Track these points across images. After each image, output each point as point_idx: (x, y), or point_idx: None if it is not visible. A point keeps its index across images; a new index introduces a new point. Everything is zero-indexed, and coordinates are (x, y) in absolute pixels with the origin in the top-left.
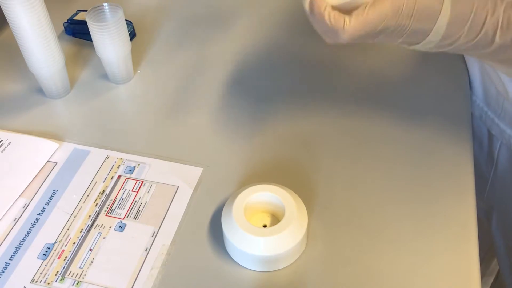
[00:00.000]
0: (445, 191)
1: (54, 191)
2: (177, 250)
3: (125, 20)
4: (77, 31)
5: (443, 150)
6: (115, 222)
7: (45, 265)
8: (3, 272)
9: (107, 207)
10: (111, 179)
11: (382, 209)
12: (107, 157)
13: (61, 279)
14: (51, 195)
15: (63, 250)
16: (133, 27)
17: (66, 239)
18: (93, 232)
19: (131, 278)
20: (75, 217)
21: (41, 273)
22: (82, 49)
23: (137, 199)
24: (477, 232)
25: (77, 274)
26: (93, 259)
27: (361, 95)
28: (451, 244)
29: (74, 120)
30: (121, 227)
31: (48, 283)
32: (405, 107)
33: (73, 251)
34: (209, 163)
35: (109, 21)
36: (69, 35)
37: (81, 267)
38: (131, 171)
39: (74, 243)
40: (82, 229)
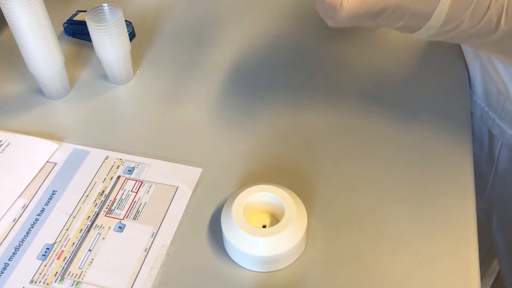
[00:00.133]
0: (445, 191)
1: (53, 191)
2: (177, 250)
3: (125, 20)
4: (76, 31)
5: (443, 150)
6: (114, 222)
7: (45, 266)
8: (3, 272)
9: (107, 208)
10: (111, 179)
11: (382, 209)
12: (107, 158)
13: (60, 280)
14: (51, 196)
15: (63, 250)
16: (133, 28)
17: (65, 240)
18: (93, 232)
19: (130, 278)
20: (74, 217)
21: (40, 274)
22: (81, 50)
23: (136, 199)
24: (477, 232)
25: (77, 274)
26: (93, 259)
27: (361, 95)
28: (451, 244)
29: (73, 120)
30: (121, 228)
31: (47, 284)
32: (405, 107)
33: (72, 252)
34: (209, 164)
35: (108, 21)
36: (69, 35)
37: (81, 267)
38: (130, 171)
39: (73, 243)
40: (81, 230)
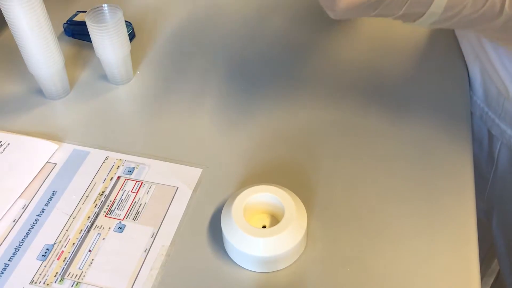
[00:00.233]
0: (445, 191)
1: (53, 192)
2: (177, 251)
3: (125, 21)
4: (76, 32)
5: (443, 150)
6: (114, 223)
7: (45, 266)
8: (3, 273)
9: (107, 208)
10: (111, 180)
11: (382, 210)
12: (107, 158)
13: (60, 280)
14: (51, 196)
15: (63, 251)
16: (133, 28)
17: (65, 240)
18: (93, 233)
19: (130, 279)
20: (74, 218)
21: (40, 274)
22: (81, 50)
23: (136, 200)
24: (477, 232)
25: (77, 275)
26: (93, 260)
27: (362, 95)
28: (451, 244)
29: (73, 121)
30: (121, 228)
31: (47, 284)
32: (405, 107)
33: (72, 252)
34: (209, 164)
35: (108, 22)
36: (69, 36)
37: (81, 268)
38: (130, 172)
39: (73, 244)
40: (81, 230)
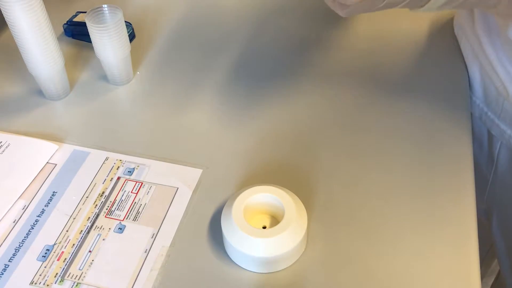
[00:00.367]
0: (445, 191)
1: (53, 192)
2: (177, 251)
3: (125, 21)
4: (76, 32)
5: (443, 150)
6: (114, 223)
7: (45, 267)
8: (3, 273)
9: (107, 209)
10: (111, 180)
11: (382, 210)
12: (107, 159)
13: (60, 281)
14: (51, 197)
15: (63, 251)
16: (133, 29)
17: (65, 241)
18: (93, 233)
19: (130, 279)
20: (74, 218)
21: (40, 275)
22: (81, 51)
23: (136, 200)
24: (477, 232)
25: (77, 275)
26: (93, 260)
27: (361, 95)
28: (451, 244)
29: (73, 121)
30: (121, 229)
31: (47, 285)
32: (405, 107)
33: (72, 253)
34: (209, 165)
35: (108, 22)
36: (69, 36)
37: (81, 268)
38: (130, 172)
39: (73, 244)
40: (81, 231)
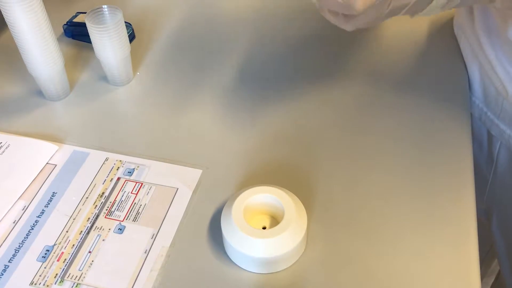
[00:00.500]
0: (445, 191)
1: (53, 193)
2: (177, 252)
3: (125, 22)
4: (76, 33)
5: (443, 150)
6: (114, 224)
7: (44, 268)
8: (2, 274)
9: (107, 209)
10: (111, 181)
11: (382, 210)
12: (107, 159)
13: (60, 282)
14: (50, 198)
15: (62, 252)
16: (133, 29)
17: (65, 242)
18: (93, 234)
19: (130, 280)
20: (74, 219)
21: (40, 276)
22: (81, 51)
23: (136, 201)
24: (477, 232)
25: (76, 276)
26: (92, 261)
27: (361, 96)
28: (451, 244)
29: (73, 122)
30: (121, 229)
31: (47, 286)
32: (404, 108)
33: (72, 254)
34: (209, 165)
35: (108, 23)
36: (69, 37)
37: (81, 269)
38: (130, 173)
39: (73, 245)
40: (81, 231)
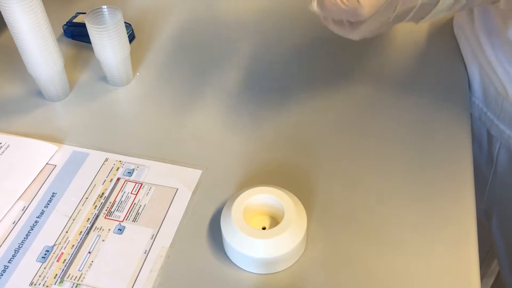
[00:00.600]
0: (445, 192)
1: (53, 193)
2: (176, 252)
3: (124, 22)
4: (76, 33)
5: (442, 150)
6: (114, 224)
7: (44, 268)
8: (2, 275)
9: (106, 210)
10: (110, 181)
11: (381, 211)
12: (106, 160)
13: (60, 282)
14: (50, 198)
15: (62, 253)
16: (132, 30)
17: (65, 242)
18: (92, 234)
19: (130, 280)
20: (74, 219)
21: (40, 276)
22: (81, 52)
23: (136, 201)
24: (477, 232)
25: (76, 277)
26: (92, 261)
27: (361, 96)
28: (451, 245)
29: (73, 122)
30: (120, 230)
31: (47, 286)
32: (404, 108)
33: (72, 254)
34: (208, 165)
35: (108, 23)
36: (69, 37)
37: (80, 269)
38: (130, 173)
39: (73, 245)
40: (81, 232)
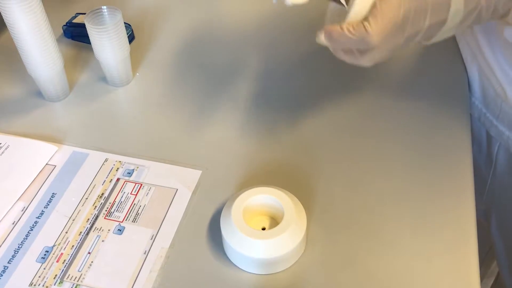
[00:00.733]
0: (445, 192)
1: (52, 194)
2: (176, 253)
3: (124, 23)
4: (76, 34)
5: (442, 151)
6: (113, 225)
7: (44, 269)
8: (2, 275)
9: (106, 210)
10: (110, 182)
11: (381, 211)
12: (106, 160)
13: (59, 283)
14: (50, 198)
15: (62, 253)
16: (132, 30)
17: (64, 242)
18: (92, 235)
19: (129, 281)
20: (73, 220)
21: (39, 277)
22: (81, 52)
23: (135, 202)
24: (476, 233)
25: (76, 277)
26: (92, 262)
27: (361, 98)
28: (451, 246)
29: (73, 123)
30: (120, 230)
31: (46, 287)
32: (404, 109)
33: (71, 254)
34: (208, 166)
35: (107, 24)
36: (68, 38)
37: (80, 270)
38: (129, 173)
39: (72, 246)
40: (80, 232)
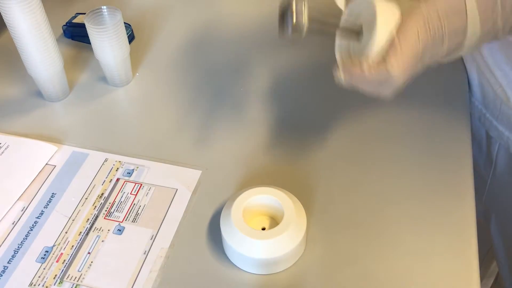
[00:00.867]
0: (444, 193)
1: (52, 194)
2: (176, 253)
3: (124, 23)
4: (76, 34)
5: (442, 151)
6: (113, 225)
7: (44, 269)
8: (2, 275)
9: (106, 210)
10: (110, 182)
11: (381, 211)
12: (106, 160)
13: (59, 283)
14: (50, 198)
15: (62, 253)
16: (132, 30)
17: (64, 243)
18: (92, 235)
19: (129, 281)
20: (73, 220)
21: (39, 277)
22: (81, 52)
23: (135, 202)
24: (476, 234)
25: (76, 277)
26: (92, 262)
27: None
28: (451, 246)
29: (72, 123)
30: (120, 230)
31: (46, 287)
32: (404, 109)
33: (71, 255)
34: (208, 166)
35: (107, 24)
36: (68, 38)
37: (80, 270)
38: (129, 174)
39: (72, 246)
40: (80, 232)
